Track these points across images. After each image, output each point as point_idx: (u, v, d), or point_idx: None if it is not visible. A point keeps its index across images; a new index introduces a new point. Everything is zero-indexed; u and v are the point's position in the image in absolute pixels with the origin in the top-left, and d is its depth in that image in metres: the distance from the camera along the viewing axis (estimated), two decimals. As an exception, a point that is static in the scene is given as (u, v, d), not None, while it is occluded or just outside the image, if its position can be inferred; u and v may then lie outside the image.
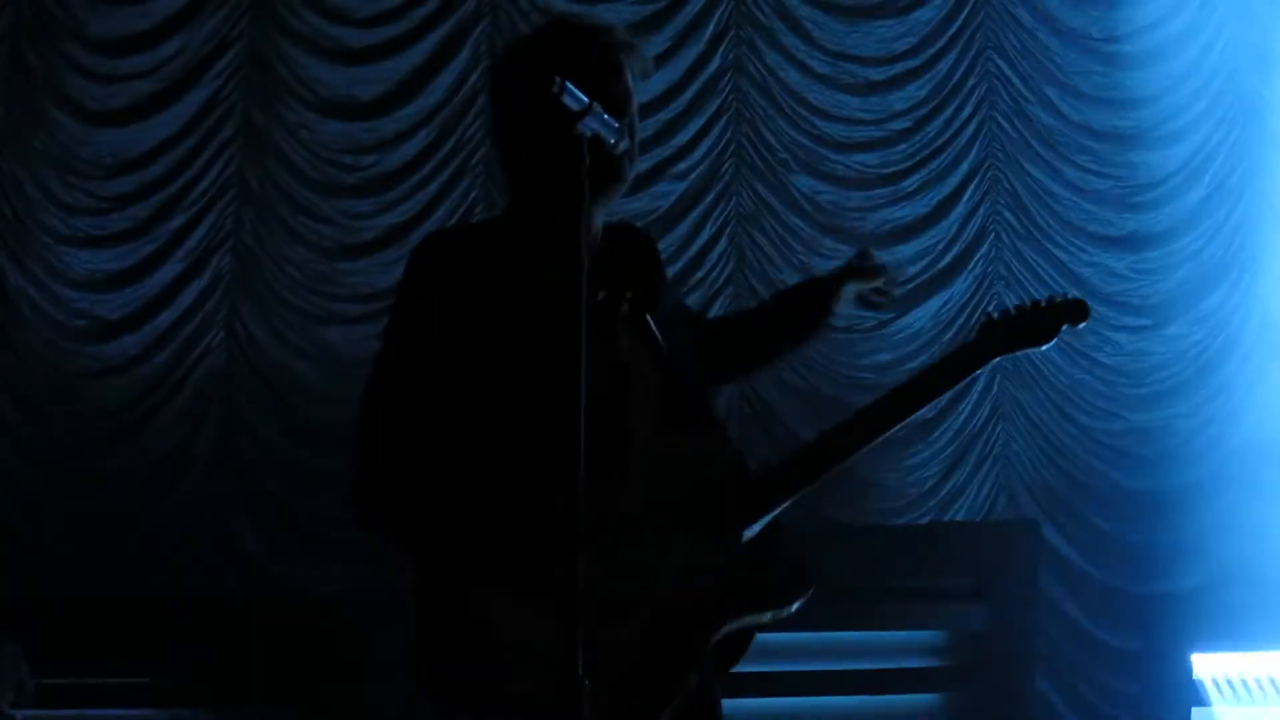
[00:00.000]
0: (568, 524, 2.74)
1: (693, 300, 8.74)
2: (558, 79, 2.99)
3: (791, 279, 8.68)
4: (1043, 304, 3.65)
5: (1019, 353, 3.66)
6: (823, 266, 8.69)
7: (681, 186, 8.85)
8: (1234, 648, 8.86)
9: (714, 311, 8.47)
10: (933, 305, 8.78)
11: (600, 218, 3.40)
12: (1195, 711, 8.82)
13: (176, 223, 8.17)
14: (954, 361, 3.55)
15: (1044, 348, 3.62)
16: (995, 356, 3.58)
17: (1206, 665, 8.87)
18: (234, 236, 8.26)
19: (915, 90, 9.14)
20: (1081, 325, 3.67)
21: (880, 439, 3.41)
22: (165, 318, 8.07)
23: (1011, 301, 8.77)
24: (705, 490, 3.24)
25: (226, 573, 7.70)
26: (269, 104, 8.37)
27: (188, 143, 8.23)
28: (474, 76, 8.69)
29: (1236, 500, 8.72)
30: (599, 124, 3.04)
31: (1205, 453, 8.86)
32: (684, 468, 3.28)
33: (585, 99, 3.02)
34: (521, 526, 3.04)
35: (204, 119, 8.27)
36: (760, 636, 3.38)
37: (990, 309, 8.09)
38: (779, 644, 7.87)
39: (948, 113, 9.12)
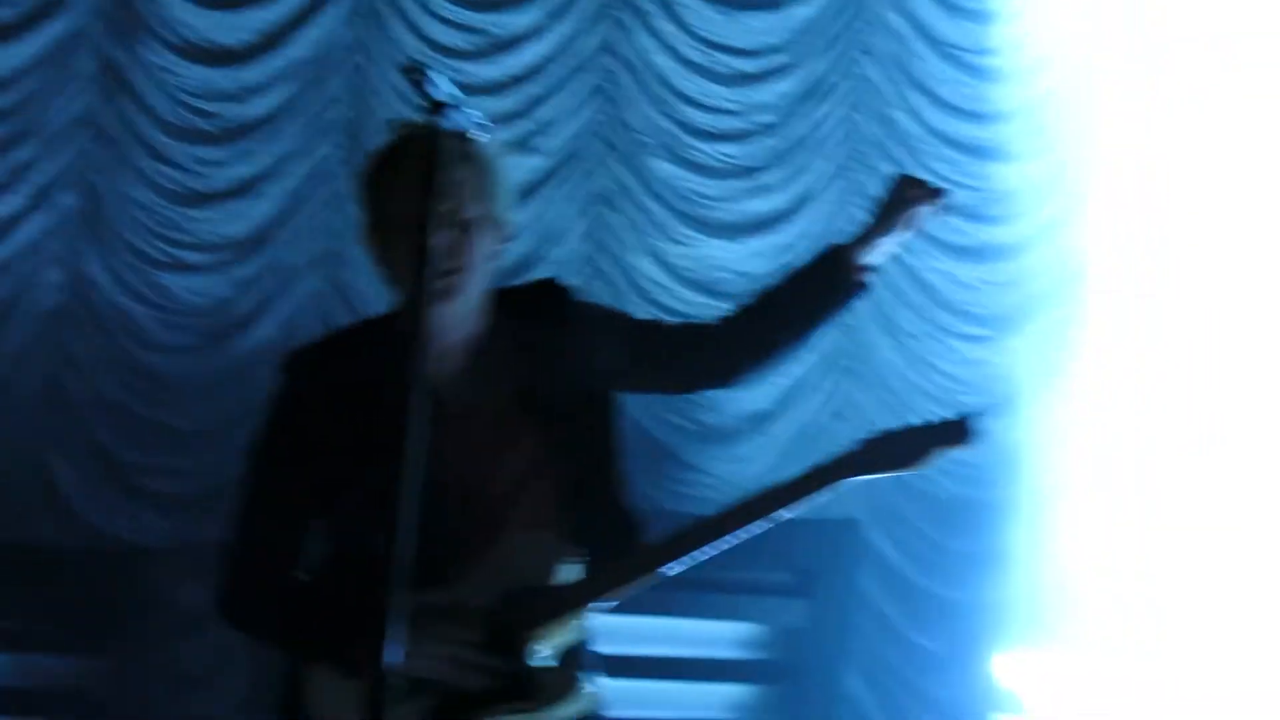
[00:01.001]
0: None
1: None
2: (419, 64, 2.82)
3: (643, 263, 8.75)
4: (919, 427, 3.60)
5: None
6: (677, 253, 8.76)
7: (542, 162, 8.82)
8: (1041, 654, 9.11)
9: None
10: (779, 300, 8.82)
11: (470, 308, 3.36)
12: (997, 717, 9.05)
13: (23, 155, 8.00)
14: (806, 479, 3.55)
15: (912, 470, 3.56)
16: (853, 476, 3.58)
17: (1012, 670, 9.10)
18: (82, 175, 8.11)
19: (784, 85, 9.20)
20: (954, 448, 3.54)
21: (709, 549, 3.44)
22: (2, 251, 7.92)
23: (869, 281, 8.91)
24: (516, 591, 3.27)
25: (43, 518, 7.59)
26: (130, 43, 8.22)
27: (42, 75, 8.05)
28: (343, 33, 8.59)
29: (1051, 515, 8.91)
30: (464, 119, 2.88)
31: (1028, 466, 9.02)
32: (520, 568, 3.32)
33: (453, 91, 2.85)
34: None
35: (61, 53, 8.10)
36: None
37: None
38: (593, 625, 7.90)
39: (814, 111, 9.20)
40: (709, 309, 8.88)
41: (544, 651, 3.34)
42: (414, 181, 2.83)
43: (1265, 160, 9.10)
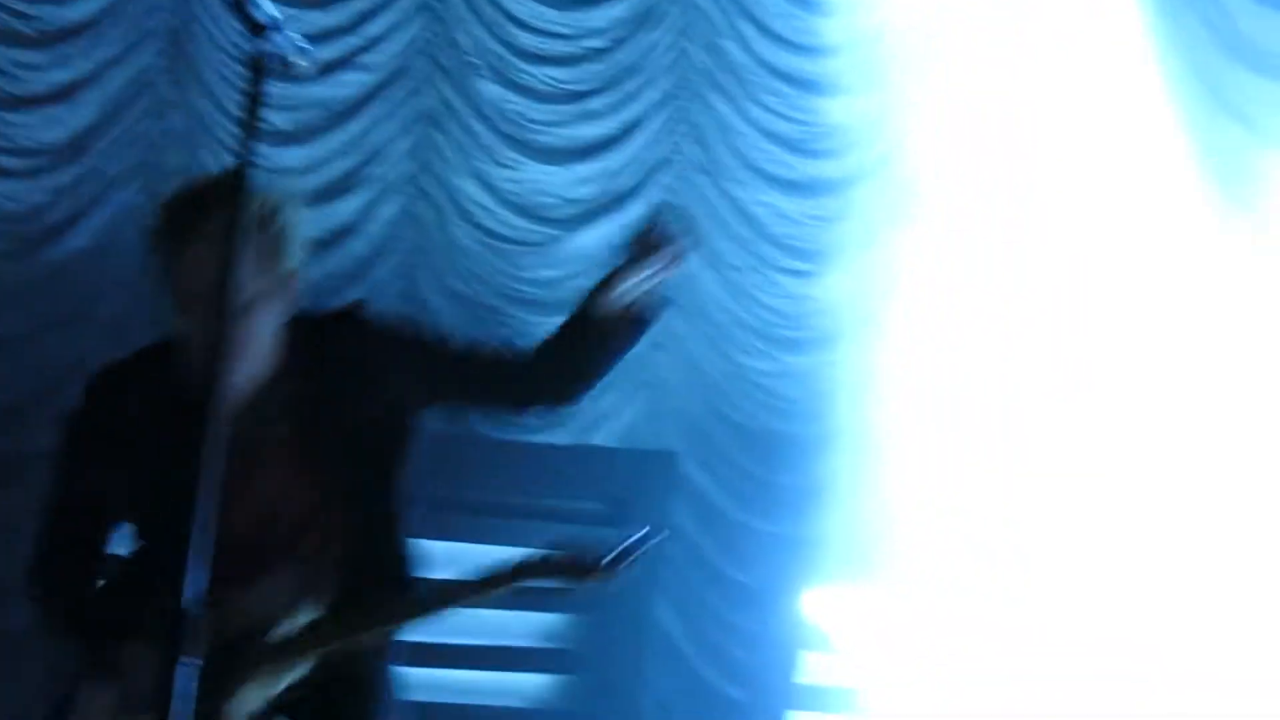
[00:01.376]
0: None
1: (363, 200, 8.63)
2: None
3: (468, 185, 8.65)
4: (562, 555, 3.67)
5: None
6: (500, 175, 8.66)
7: (367, 78, 8.73)
8: (854, 591, 9.18)
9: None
10: (604, 227, 8.84)
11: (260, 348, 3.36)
12: (804, 654, 9.12)
13: None
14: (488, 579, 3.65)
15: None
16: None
17: (823, 606, 9.17)
18: (-108, 77, 7.87)
19: (615, 10, 9.14)
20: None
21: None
22: None
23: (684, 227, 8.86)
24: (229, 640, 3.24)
25: None
26: (-59, -55, 7.95)
27: None
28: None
29: (869, 445, 8.96)
30: (285, 42, 2.76)
31: (847, 401, 9.06)
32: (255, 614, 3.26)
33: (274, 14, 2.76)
34: None
35: None
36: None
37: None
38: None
39: (644, 38, 9.15)
40: (533, 234, 8.88)
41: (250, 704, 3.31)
42: (205, 255, 2.83)
43: (1098, 93, 9.18)
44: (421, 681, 8.59)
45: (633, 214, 9.07)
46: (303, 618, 3.34)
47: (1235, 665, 8.56)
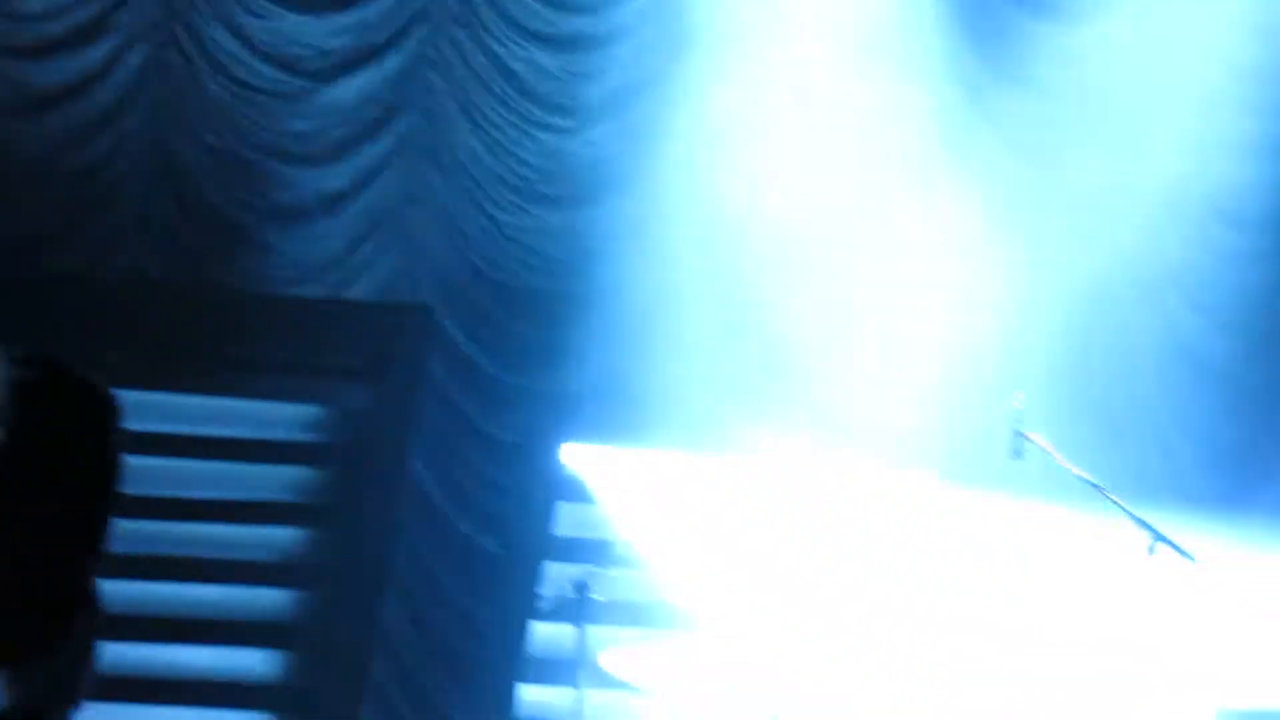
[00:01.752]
0: None
1: (109, 47, 8.39)
2: None
3: (219, 33, 8.52)
4: None
5: None
6: (252, 24, 8.54)
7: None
8: (610, 446, 9.28)
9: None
10: (359, 80, 8.71)
11: None
12: (561, 505, 9.22)
13: None
14: None
15: None
16: None
17: (581, 460, 9.27)
18: None
19: None
20: None
21: None
22: None
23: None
24: None
25: None
26: None
27: None
28: None
29: (629, 307, 9.01)
30: None
31: (609, 257, 9.10)
32: None
33: None
34: None
35: None
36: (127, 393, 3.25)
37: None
38: (150, 403, 7.76)
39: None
40: (286, 85, 8.72)
41: None
42: None
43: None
44: (169, 535, 8.61)
45: (389, 67, 8.98)
46: None
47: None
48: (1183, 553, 6.18)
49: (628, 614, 8.91)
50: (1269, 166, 9.37)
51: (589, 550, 8.65)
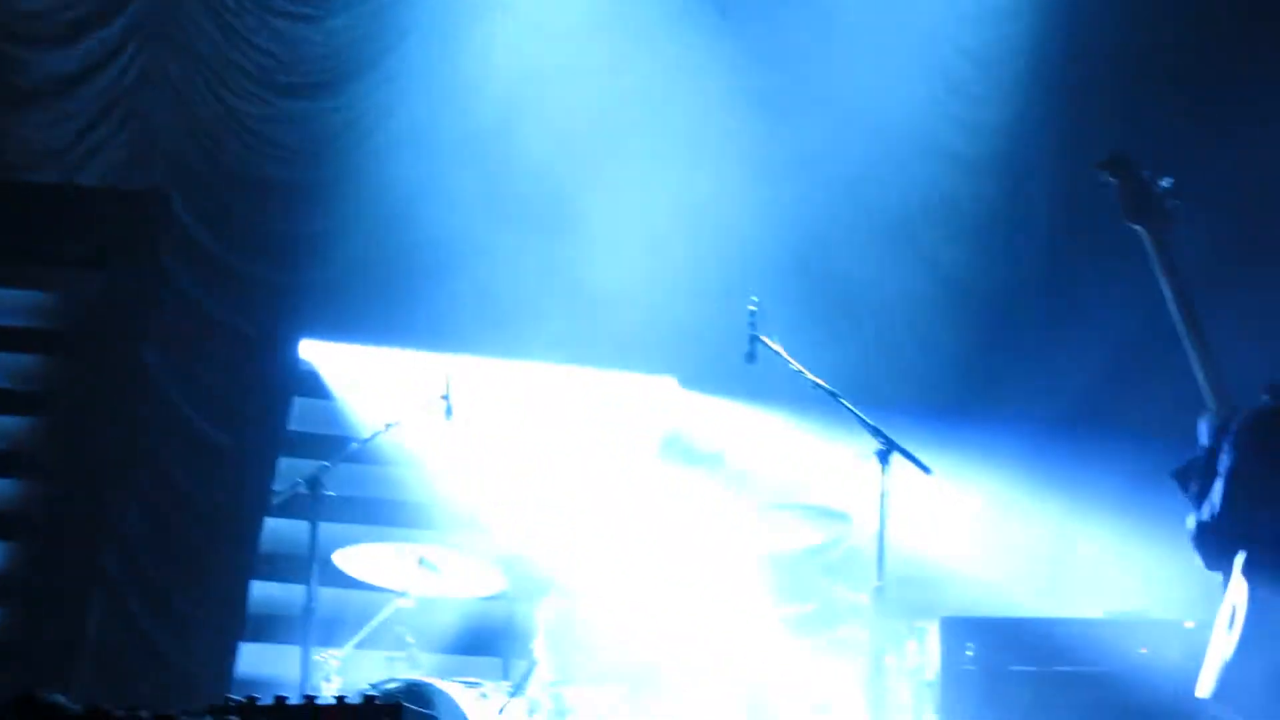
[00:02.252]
0: None
1: None
2: None
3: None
4: None
5: None
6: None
7: None
8: (348, 340, 9.23)
9: None
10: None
11: None
12: (297, 400, 9.15)
13: None
14: None
15: None
16: None
17: (318, 356, 9.21)
18: None
19: None
20: None
21: None
22: None
23: None
24: None
25: None
26: None
27: None
28: None
29: (370, 195, 8.95)
30: None
31: (350, 148, 9.00)
32: None
33: None
34: None
35: None
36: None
37: None
38: None
39: None
40: None
41: None
42: None
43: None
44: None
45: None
46: None
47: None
48: (917, 462, 6.33)
49: (362, 511, 8.92)
50: (1006, 74, 9.64)
51: (324, 446, 8.61)
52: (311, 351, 9.38)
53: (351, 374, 9.36)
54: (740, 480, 8.08)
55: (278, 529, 8.78)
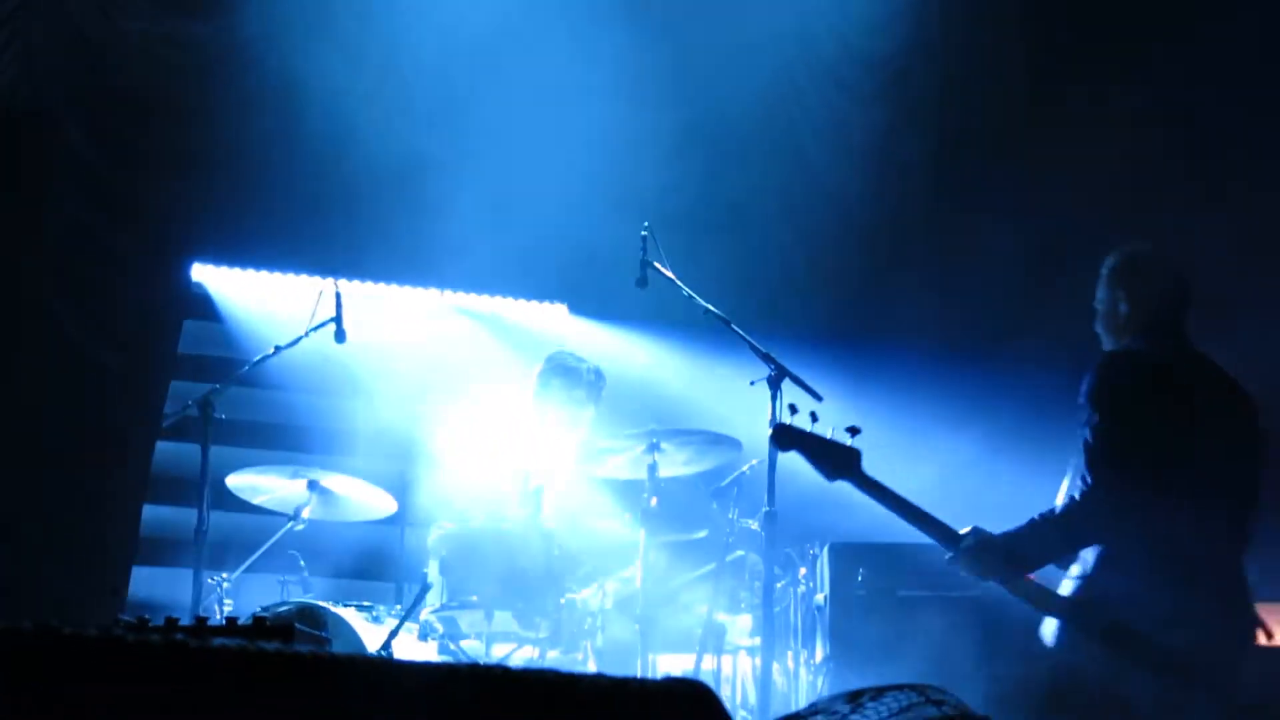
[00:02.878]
0: None
1: None
2: None
3: None
4: None
5: None
6: None
7: None
8: (240, 264, 9.19)
9: None
10: None
11: None
12: (188, 323, 9.11)
13: None
14: None
15: None
16: None
17: (210, 277, 9.17)
18: None
19: None
20: None
21: None
22: None
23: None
24: None
25: None
26: None
27: None
28: None
29: (261, 116, 8.89)
30: None
31: (242, 68, 8.95)
32: None
33: None
34: None
35: None
36: None
37: None
38: None
39: None
40: None
41: None
42: None
43: None
44: None
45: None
46: None
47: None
48: (807, 388, 6.37)
49: (254, 434, 8.91)
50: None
51: (215, 369, 8.59)
52: (202, 274, 9.34)
53: (243, 297, 9.32)
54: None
55: (169, 452, 8.75)
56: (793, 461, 6.78)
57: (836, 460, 5.28)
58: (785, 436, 5.33)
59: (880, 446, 5.80)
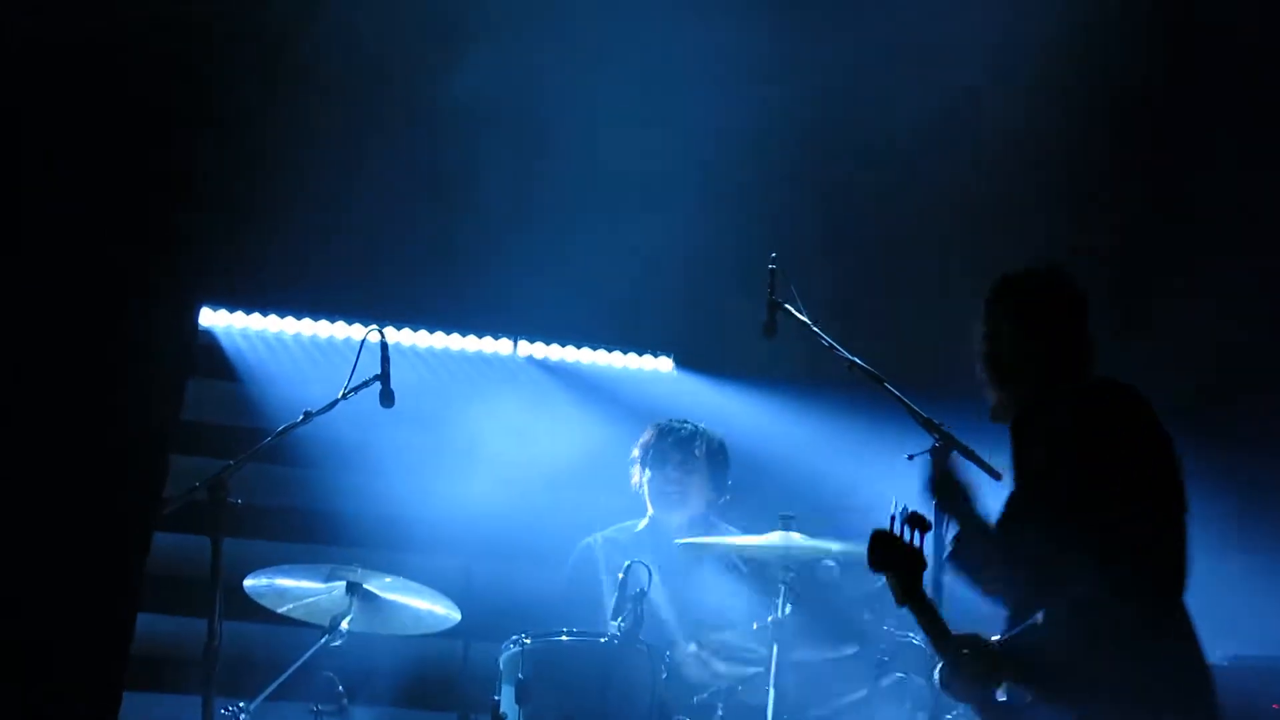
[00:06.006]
0: None
1: None
2: None
3: None
4: None
5: None
6: None
7: None
8: (257, 309, 9.18)
9: None
10: None
11: None
12: (194, 383, 9.11)
13: None
14: None
15: None
16: None
17: (220, 325, 9.15)
18: None
19: None
20: None
21: None
22: None
23: None
24: None
25: None
26: None
27: None
28: None
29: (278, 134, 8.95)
30: None
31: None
32: None
33: None
34: None
35: None
36: None
37: None
38: None
39: None
40: None
41: None
42: None
43: None
44: None
45: None
46: None
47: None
48: (984, 465, 6.21)
49: (278, 524, 8.88)
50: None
51: (228, 440, 8.56)
52: (213, 320, 9.31)
53: (263, 350, 9.29)
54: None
55: (170, 547, 8.72)
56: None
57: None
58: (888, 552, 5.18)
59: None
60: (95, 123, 8.75)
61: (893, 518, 5.09)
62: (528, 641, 6.96)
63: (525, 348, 9.49)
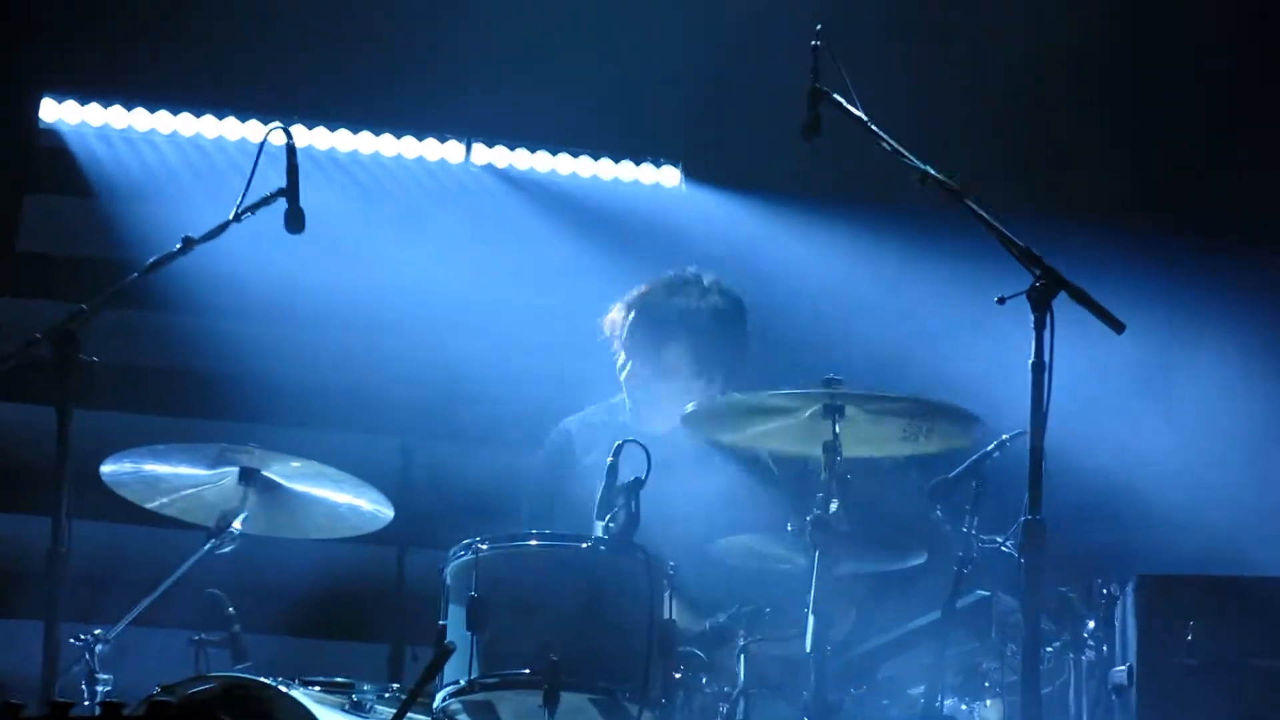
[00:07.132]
0: None
1: None
2: None
3: None
4: None
5: None
6: None
7: None
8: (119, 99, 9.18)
9: None
10: None
11: None
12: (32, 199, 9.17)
13: None
14: None
15: None
16: None
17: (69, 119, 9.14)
18: None
19: None
20: None
21: None
22: None
23: None
24: None
25: None
26: None
27: None
28: None
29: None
30: None
31: None
32: None
33: None
34: None
35: None
36: None
37: None
38: None
39: None
40: None
41: None
42: None
43: None
44: None
45: None
46: None
47: None
48: (1104, 314, 6.17)
49: (146, 388, 8.82)
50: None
51: (78, 277, 8.53)
52: (58, 113, 9.27)
53: (128, 155, 9.25)
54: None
55: (3, 418, 8.73)
56: (1071, 440, 6.65)
57: None
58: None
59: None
60: None
61: None
62: (483, 547, 6.79)
63: (482, 153, 9.56)
